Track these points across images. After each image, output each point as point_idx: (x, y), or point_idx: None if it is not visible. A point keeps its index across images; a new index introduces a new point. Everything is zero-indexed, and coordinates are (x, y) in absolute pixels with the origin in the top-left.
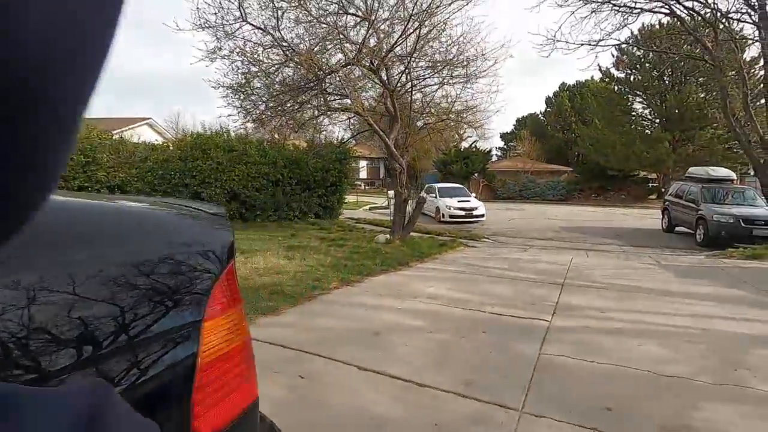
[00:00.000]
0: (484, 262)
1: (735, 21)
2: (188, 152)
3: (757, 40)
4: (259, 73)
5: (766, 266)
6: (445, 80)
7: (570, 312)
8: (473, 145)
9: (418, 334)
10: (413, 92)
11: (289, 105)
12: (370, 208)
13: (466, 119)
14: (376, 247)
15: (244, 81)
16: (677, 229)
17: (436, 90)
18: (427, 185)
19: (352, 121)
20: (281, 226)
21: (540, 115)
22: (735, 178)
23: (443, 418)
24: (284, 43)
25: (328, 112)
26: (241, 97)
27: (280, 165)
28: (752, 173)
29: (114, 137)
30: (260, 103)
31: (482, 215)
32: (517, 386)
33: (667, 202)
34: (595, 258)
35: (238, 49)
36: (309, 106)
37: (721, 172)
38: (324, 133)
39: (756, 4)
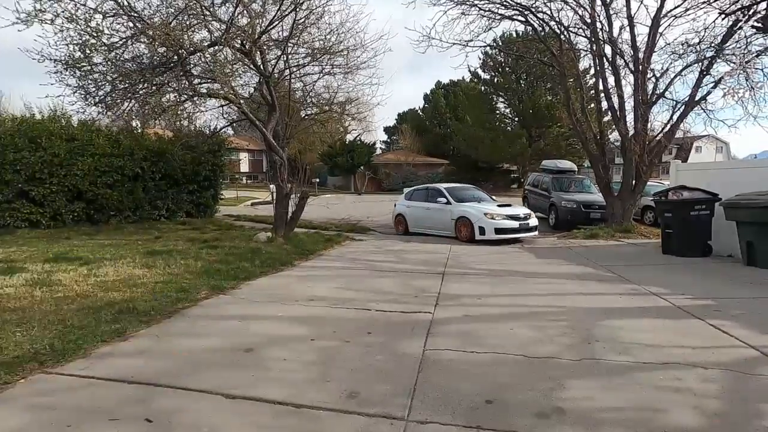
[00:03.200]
0: (369, 255)
1: (574, 34)
2: (8, 140)
3: (588, 53)
4: (99, 47)
5: (602, 244)
6: (325, 69)
7: (451, 301)
8: (358, 138)
9: (299, 343)
10: (293, 80)
11: (142, 87)
12: (252, 204)
13: (350, 111)
14: (256, 247)
15: (80, 55)
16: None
17: (317, 80)
18: (421, 187)
19: (226, 109)
20: (143, 228)
21: (419, 111)
22: (576, 169)
23: None
24: (133, 13)
25: (195, 98)
26: (78, 74)
27: (139, 157)
28: (587, 165)
29: None
30: (105, 83)
31: (536, 226)
32: (403, 391)
33: (526, 191)
34: (471, 246)
35: (67, 13)
36: (169, 89)
37: (566, 164)
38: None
39: (589, 20)
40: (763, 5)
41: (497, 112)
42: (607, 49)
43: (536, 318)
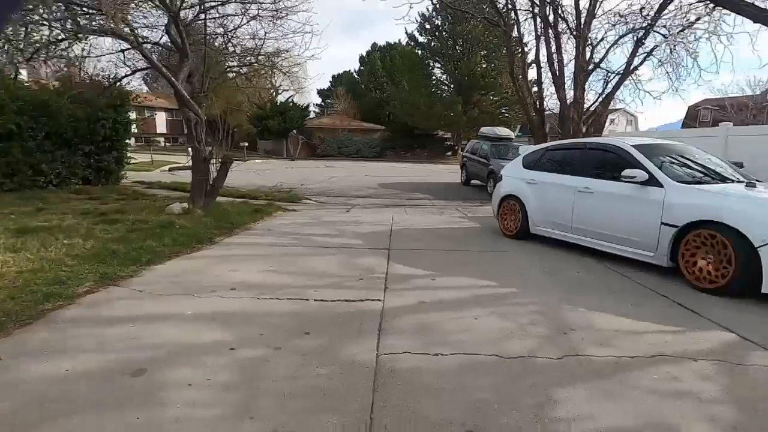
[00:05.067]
0: (305, 228)
1: None
2: None
3: (531, 14)
4: None
5: None
6: (250, 11)
7: (402, 284)
8: (290, 100)
9: (213, 356)
10: (208, 21)
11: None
12: (171, 170)
13: (280, 65)
14: (168, 221)
15: None
16: (473, 182)
17: (241, 24)
18: (570, 143)
19: (128, 55)
20: (23, 198)
21: (354, 74)
22: (514, 136)
23: None
24: None
25: (79, 35)
26: None
27: (12, 110)
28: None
29: None
30: None
31: None
32: (356, 425)
33: (464, 159)
34: (413, 215)
35: None
36: (42, 22)
37: (505, 131)
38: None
39: None
40: None
41: (433, 78)
42: (551, 15)
43: (495, 302)
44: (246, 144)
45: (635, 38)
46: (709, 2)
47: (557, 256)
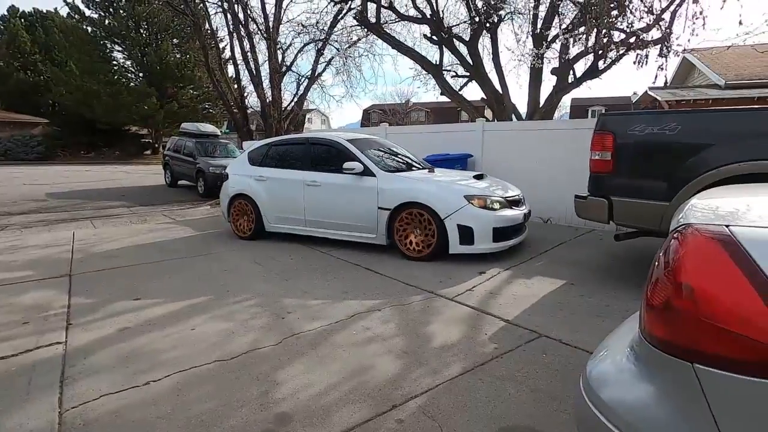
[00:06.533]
0: None
1: None
2: None
3: (220, 10)
4: None
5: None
6: None
7: (93, 315)
8: None
9: None
10: None
11: None
12: None
13: None
14: None
15: None
16: (180, 182)
17: None
18: (291, 140)
19: None
20: None
21: None
22: (219, 133)
23: None
24: None
25: None
26: None
27: None
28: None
29: None
30: None
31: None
32: None
33: (167, 158)
34: (105, 227)
35: None
36: None
37: (209, 128)
38: None
39: None
40: (358, 1)
41: (114, 63)
42: (241, 13)
43: (219, 304)
44: None
45: (316, 48)
46: (363, 26)
47: (281, 250)
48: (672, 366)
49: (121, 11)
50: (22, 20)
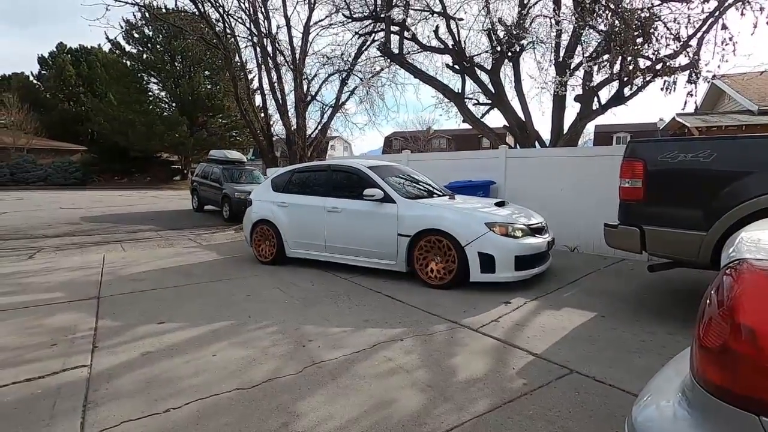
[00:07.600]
0: None
1: (235, 21)
2: None
3: (250, 43)
4: None
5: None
6: None
7: (118, 338)
8: None
9: None
10: None
11: None
12: None
13: None
14: None
15: None
16: (206, 207)
17: None
18: (314, 167)
19: None
20: None
21: (33, 78)
22: (245, 159)
23: None
24: None
25: None
26: None
27: None
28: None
29: None
30: None
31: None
32: None
33: (195, 183)
34: (133, 250)
35: None
36: None
37: (236, 155)
38: None
39: (249, 10)
40: (381, 34)
41: (150, 93)
42: (269, 46)
43: (240, 331)
44: None
45: (340, 78)
46: (386, 57)
47: (302, 275)
48: (734, 417)
49: (159, 46)
50: (69, 55)
